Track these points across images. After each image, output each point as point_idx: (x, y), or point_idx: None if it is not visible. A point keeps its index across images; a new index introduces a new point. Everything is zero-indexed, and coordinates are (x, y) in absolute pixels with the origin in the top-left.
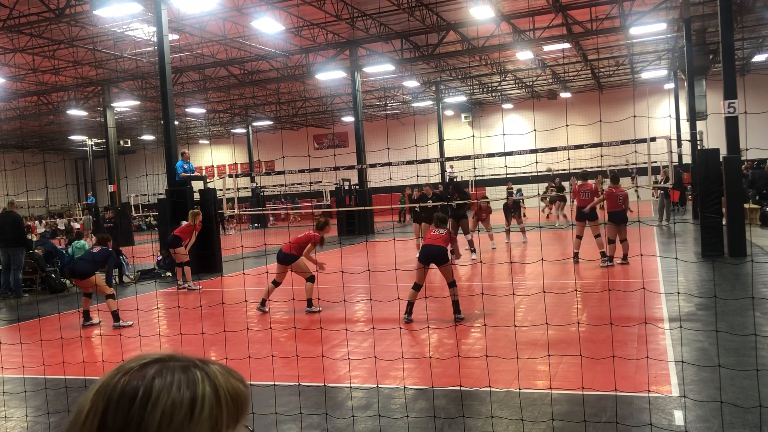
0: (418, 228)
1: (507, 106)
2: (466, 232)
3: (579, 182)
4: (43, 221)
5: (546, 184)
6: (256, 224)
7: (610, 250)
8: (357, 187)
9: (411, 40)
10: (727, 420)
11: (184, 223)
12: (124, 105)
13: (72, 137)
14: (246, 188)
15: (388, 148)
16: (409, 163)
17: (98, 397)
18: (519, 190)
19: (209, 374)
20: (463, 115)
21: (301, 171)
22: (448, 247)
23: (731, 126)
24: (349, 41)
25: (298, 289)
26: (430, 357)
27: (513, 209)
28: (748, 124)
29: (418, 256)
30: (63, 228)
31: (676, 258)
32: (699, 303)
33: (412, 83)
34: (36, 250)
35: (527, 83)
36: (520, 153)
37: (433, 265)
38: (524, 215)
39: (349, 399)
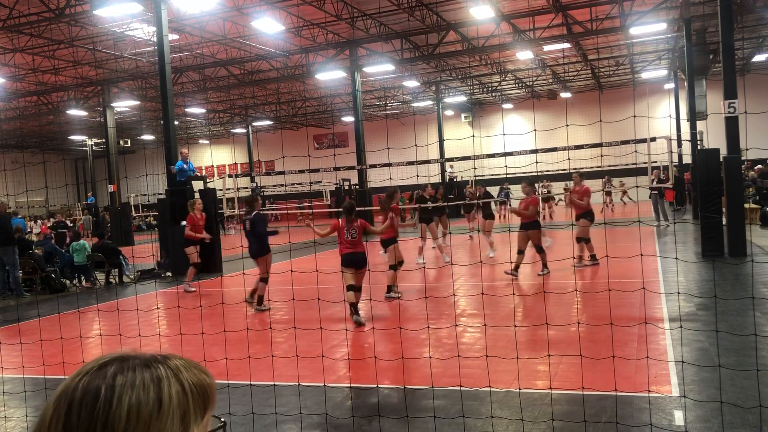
0: (425, 228)
1: (507, 106)
2: (434, 237)
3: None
4: (39, 221)
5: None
6: None
7: (579, 250)
8: (357, 187)
9: (411, 40)
10: (727, 420)
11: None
12: (124, 105)
13: (72, 137)
14: (246, 188)
15: (388, 148)
16: (410, 164)
17: (60, 401)
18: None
19: (171, 368)
20: (463, 115)
21: (301, 171)
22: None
23: (731, 126)
24: (349, 41)
25: (297, 289)
26: (430, 357)
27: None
28: (748, 124)
29: (341, 262)
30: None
31: (676, 258)
32: (699, 303)
33: (412, 83)
34: (36, 250)
35: (527, 83)
36: (520, 153)
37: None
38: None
39: (349, 399)
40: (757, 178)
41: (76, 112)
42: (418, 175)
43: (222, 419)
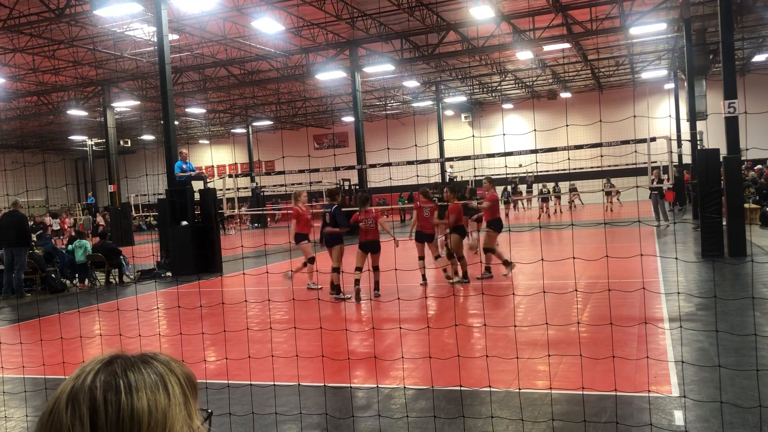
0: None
1: (507, 106)
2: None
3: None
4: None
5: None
6: (256, 224)
7: (487, 260)
8: (357, 187)
9: (411, 40)
10: (727, 420)
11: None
12: (124, 105)
13: (72, 137)
14: (246, 188)
15: (388, 148)
16: (410, 163)
17: (75, 403)
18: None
19: (163, 362)
20: (463, 115)
21: (301, 171)
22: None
23: (731, 126)
24: (349, 41)
25: (297, 289)
26: (430, 357)
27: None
28: (748, 124)
29: (358, 246)
30: (59, 228)
31: (676, 258)
32: (699, 303)
33: (412, 83)
34: (36, 250)
35: (527, 83)
36: (520, 153)
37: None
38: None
39: (349, 399)
40: (758, 178)
41: (76, 112)
42: (418, 175)
43: (209, 409)
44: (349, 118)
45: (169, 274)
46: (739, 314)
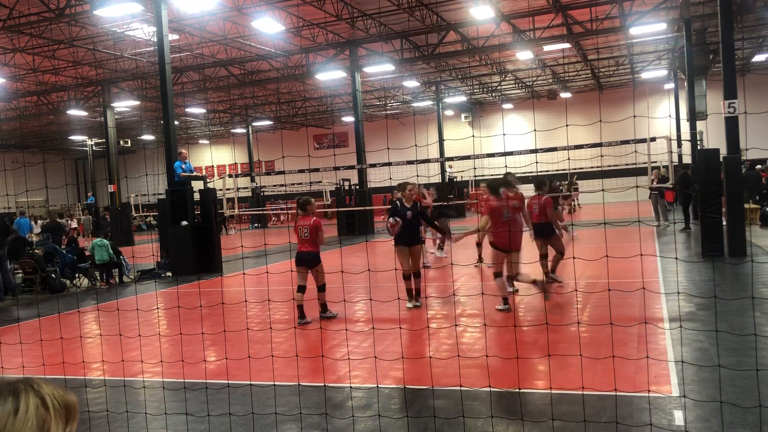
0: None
1: (507, 106)
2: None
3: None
4: (39, 221)
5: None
6: (256, 224)
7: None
8: (357, 186)
9: (411, 40)
10: (727, 420)
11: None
12: (124, 105)
13: (72, 137)
14: (246, 188)
15: (388, 148)
16: (409, 163)
17: None
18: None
19: (33, 386)
20: (463, 115)
21: (301, 171)
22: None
23: (731, 126)
24: (349, 41)
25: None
26: (430, 357)
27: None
28: (748, 124)
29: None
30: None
31: (676, 258)
32: (699, 303)
33: (412, 83)
34: (36, 250)
35: (527, 83)
36: (520, 153)
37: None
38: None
39: (349, 399)
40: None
41: (76, 112)
42: (418, 175)
43: None
44: (349, 118)
45: (169, 274)
46: (739, 314)
